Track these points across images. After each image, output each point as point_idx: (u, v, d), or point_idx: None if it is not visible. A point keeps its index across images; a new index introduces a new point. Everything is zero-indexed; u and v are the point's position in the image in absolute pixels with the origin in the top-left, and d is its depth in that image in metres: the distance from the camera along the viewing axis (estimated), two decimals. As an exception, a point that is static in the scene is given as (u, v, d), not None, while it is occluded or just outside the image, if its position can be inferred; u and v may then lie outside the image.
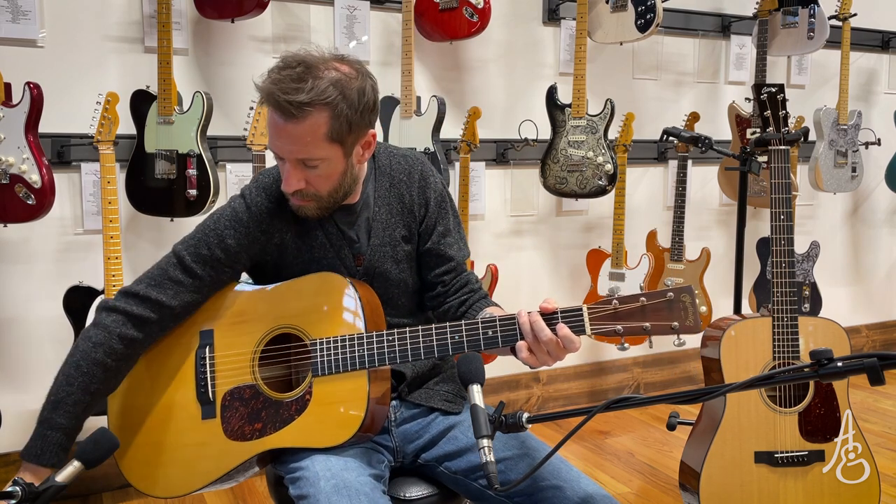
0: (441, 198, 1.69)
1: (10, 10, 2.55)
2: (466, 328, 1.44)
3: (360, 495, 1.36)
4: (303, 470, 1.44)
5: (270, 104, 1.43)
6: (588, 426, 3.35)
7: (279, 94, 1.41)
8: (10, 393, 2.68)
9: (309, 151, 1.45)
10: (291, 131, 1.43)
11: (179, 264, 1.54)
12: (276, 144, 1.47)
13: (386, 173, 1.66)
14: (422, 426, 1.64)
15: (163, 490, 1.55)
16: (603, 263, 3.35)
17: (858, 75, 4.20)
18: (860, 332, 4.44)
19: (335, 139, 1.46)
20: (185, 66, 2.82)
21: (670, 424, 2.34)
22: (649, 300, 1.36)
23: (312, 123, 1.42)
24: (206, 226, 1.58)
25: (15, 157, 2.40)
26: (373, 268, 1.63)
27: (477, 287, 1.71)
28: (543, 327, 1.38)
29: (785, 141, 2.13)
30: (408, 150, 1.73)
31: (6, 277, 2.66)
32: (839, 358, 1.07)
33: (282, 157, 1.49)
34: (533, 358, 1.41)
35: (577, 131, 3.18)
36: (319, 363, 1.50)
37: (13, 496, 1.27)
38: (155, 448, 1.56)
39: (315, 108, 1.41)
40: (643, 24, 3.12)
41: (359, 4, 3.05)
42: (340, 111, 1.43)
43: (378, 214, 1.63)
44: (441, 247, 1.67)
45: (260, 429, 1.51)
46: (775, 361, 2.08)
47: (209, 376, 1.56)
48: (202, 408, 1.55)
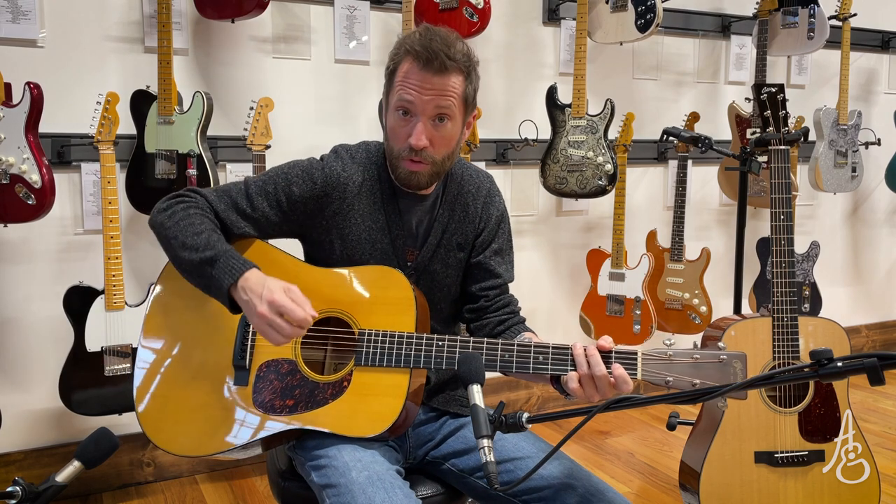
0: (501, 218, 1.75)
1: (10, 10, 2.55)
2: (518, 349, 1.46)
3: (394, 489, 1.36)
4: (329, 458, 1.44)
5: (421, 58, 1.50)
6: (588, 426, 3.36)
7: (437, 46, 1.50)
8: (10, 393, 2.68)
9: (449, 104, 1.53)
10: (437, 83, 1.51)
11: (245, 191, 1.60)
12: (416, 97, 1.52)
13: (457, 181, 1.71)
14: (434, 429, 1.67)
15: (177, 447, 1.52)
16: (603, 263, 3.35)
17: (858, 75, 4.20)
18: (860, 332, 4.44)
19: (465, 102, 1.57)
20: (185, 66, 2.82)
21: (670, 424, 2.34)
22: (703, 358, 1.38)
23: (455, 80, 1.53)
24: (279, 169, 1.63)
25: (15, 157, 2.40)
26: (424, 266, 1.66)
27: (517, 310, 1.75)
28: (600, 362, 1.40)
29: (785, 141, 2.13)
30: (480, 168, 1.81)
31: (6, 277, 2.66)
32: (839, 358, 1.07)
33: (413, 114, 1.53)
34: (580, 390, 1.43)
35: (577, 131, 3.18)
36: (364, 353, 1.50)
37: (13, 496, 1.27)
38: (178, 403, 1.53)
39: (458, 67, 1.53)
40: (643, 24, 3.12)
41: (359, 4, 3.05)
42: (472, 80, 1.57)
43: (441, 216, 1.67)
44: (492, 263, 1.71)
45: (291, 405, 1.50)
46: (775, 361, 2.08)
47: (250, 343, 1.54)
48: (236, 373, 1.53)
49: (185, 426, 1.52)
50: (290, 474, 1.62)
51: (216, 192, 1.61)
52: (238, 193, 1.60)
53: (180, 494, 2.80)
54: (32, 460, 2.71)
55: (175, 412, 1.53)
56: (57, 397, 2.51)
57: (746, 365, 1.39)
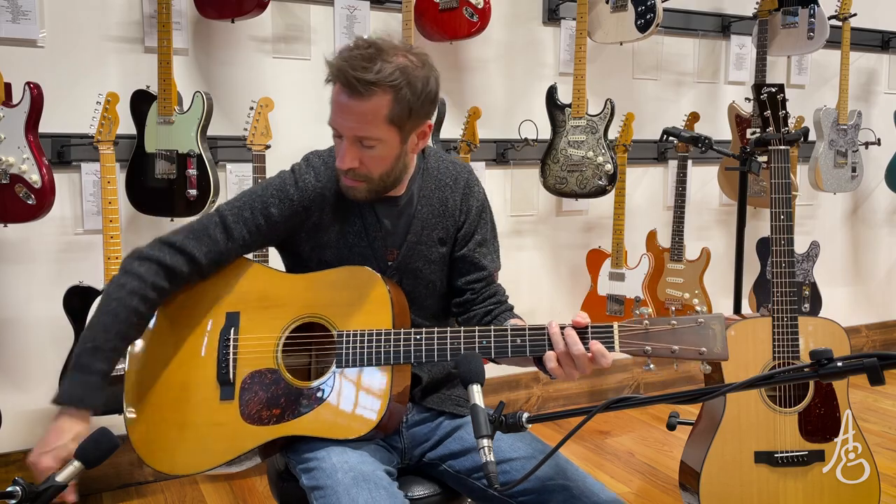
0: (482, 208, 1.73)
1: (10, 10, 2.55)
2: (495, 334, 1.46)
3: (379, 489, 1.36)
4: (318, 461, 1.44)
5: (339, 80, 1.47)
6: (588, 426, 3.35)
7: (349, 70, 1.44)
8: (10, 393, 2.68)
9: (368, 130, 1.48)
10: (355, 108, 1.46)
11: (221, 223, 1.57)
12: (337, 121, 1.51)
13: (433, 175, 1.69)
14: (430, 429, 1.66)
15: (171, 467, 1.54)
16: (603, 263, 3.35)
17: (858, 75, 4.20)
18: (860, 332, 4.44)
19: (395, 122, 1.49)
20: (185, 66, 2.82)
21: (670, 424, 2.34)
22: (680, 324, 1.38)
23: (376, 103, 1.46)
24: (252, 192, 1.61)
25: (15, 157, 2.40)
26: (405, 264, 1.65)
27: (504, 299, 1.74)
28: (577, 341, 1.40)
29: (785, 141, 2.13)
30: (456, 158, 1.77)
31: (6, 277, 2.66)
32: (839, 358, 1.07)
33: (340, 135, 1.52)
34: (560, 370, 1.42)
35: (577, 131, 3.18)
36: (344, 355, 1.50)
37: (13, 496, 1.26)
38: (169, 424, 1.55)
39: (380, 89, 1.45)
40: (643, 24, 3.12)
41: (359, 4, 3.05)
42: (403, 96, 1.47)
43: (419, 213, 1.66)
44: (476, 255, 1.70)
45: (278, 414, 1.50)
46: (775, 361, 2.08)
47: (231, 357, 1.55)
48: (221, 388, 1.54)
49: (178, 446, 1.54)
50: (289, 475, 1.62)
51: (193, 232, 1.55)
52: (215, 228, 1.56)
53: (180, 494, 2.80)
54: (32, 460, 2.71)
55: (168, 433, 1.55)
56: (57, 397, 2.51)
57: (724, 326, 1.38)
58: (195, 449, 1.53)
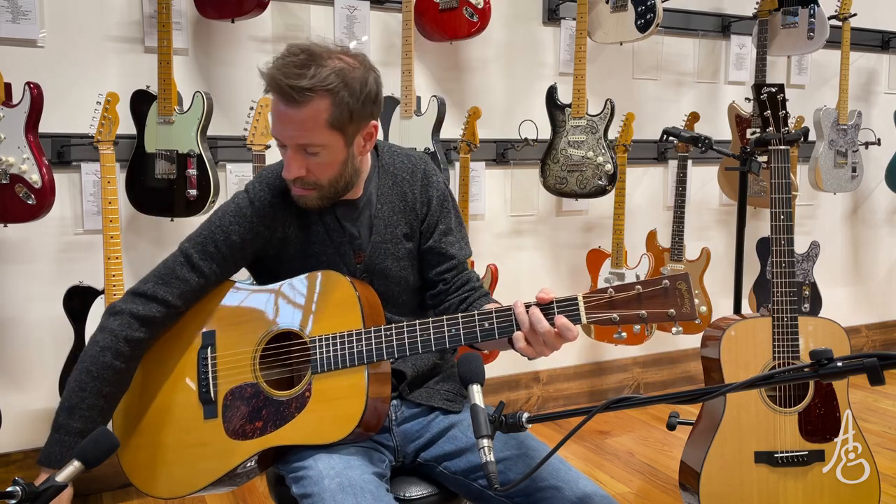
0: (443, 197, 1.71)
1: (10, 10, 2.55)
2: (463, 321, 1.45)
3: (364, 493, 1.36)
4: (306, 469, 1.45)
5: (274, 90, 1.45)
6: (588, 426, 3.35)
7: (282, 79, 1.43)
8: (10, 393, 2.68)
9: (310, 137, 1.47)
10: (293, 116, 1.45)
11: (187, 262, 1.56)
12: (278, 130, 1.50)
13: (389, 171, 1.67)
14: (422, 425, 1.64)
15: (165, 490, 1.56)
16: (603, 263, 3.35)
17: (858, 75, 4.20)
18: (860, 332, 4.44)
19: (336, 127, 1.48)
20: (185, 66, 2.82)
21: (670, 424, 2.34)
22: (645, 288, 1.35)
23: (314, 109, 1.44)
24: (211, 223, 1.60)
25: (15, 157, 2.40)
26: (373, 264, 1.64)
27: (478, 285, 1.73)
28: (541, 318, 1.38)
29: (785, 141, 2.13)
30: (411, 150, 1.75)
31: (6, 277, 2.66)
32: (839, 358, 1.07)
33: (284, 144, 1.51)
34: (530, 349, 1.41)
35: (577, 131, 3.18)
36: (318, 360, 1.50)
37: (13, 496, 1.26)
38: (157, 448, 1.57)
39: (317, 94, 1.43)
40: (643, 24, 3.12)
41: (359, 4, 3.05)
42: (342, 99, 1.45)
43: (380, 212, 1.65)
44: (442, 245, 1.69)
45: (261, 427, 1.51)
46: (775, 361, 2.08)
47: (211, 376, 1.56)
48: (204, 407, 1.55)
49: (168, 468, 1.55)
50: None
51: (161, 278, 1.56)
52: (182, 268, 1.56)
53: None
54: (32, 460, 2.71)
55: (157, 457, 1.56)
56: (57, 397, 2.51)
57: (691, 284, 1.36)
58: (185, 470, 1.54)
